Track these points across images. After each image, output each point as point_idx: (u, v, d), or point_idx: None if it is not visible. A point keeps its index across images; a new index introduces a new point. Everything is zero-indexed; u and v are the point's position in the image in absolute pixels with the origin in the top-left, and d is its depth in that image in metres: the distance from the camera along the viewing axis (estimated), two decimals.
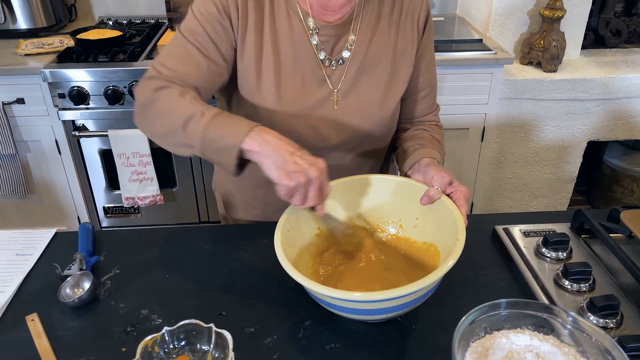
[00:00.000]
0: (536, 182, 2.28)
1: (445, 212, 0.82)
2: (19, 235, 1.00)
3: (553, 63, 2.04)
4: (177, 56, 0.89)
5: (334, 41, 0.93)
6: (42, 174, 2.04)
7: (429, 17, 0.99)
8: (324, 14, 0.93)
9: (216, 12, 0.88)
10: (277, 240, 0.78)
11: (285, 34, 0.91)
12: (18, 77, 1.83)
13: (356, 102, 0.95)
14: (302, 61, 0.92)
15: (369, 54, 0.95)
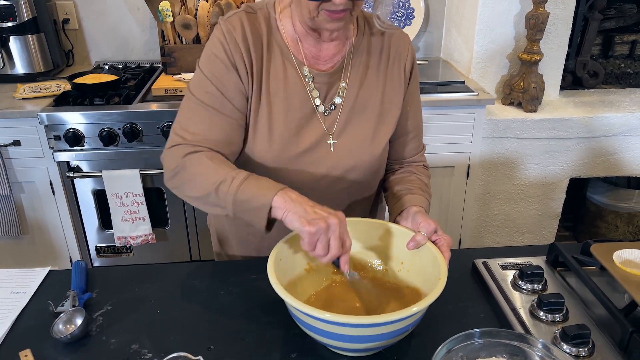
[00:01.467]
0: (522, 219, 2.33)
1: (429, 257, 0.87)
2: (14, 273, 1.03)
3: (533, 103, 2.12)
4: (197, 120, 0.95)
5: (327, 88, 1.00)
6: (36, 214, 2.07)
7: (415, 63, 1.07)
8: (317, 63, 1.00)
9: (224, 68, 0.94)
10: (270, 265, 0.81)
11: (281, 82, 0.98)
12: (15, 120, 1.88)
13: (348, 144, 1.01)
14: (297, 107, 0.98)
15: (359, 99, 1.01)
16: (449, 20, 2.46)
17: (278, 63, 0.97)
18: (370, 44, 1.03)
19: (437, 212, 2.21)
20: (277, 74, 0.97)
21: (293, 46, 0.99)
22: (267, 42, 0.97)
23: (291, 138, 0.98)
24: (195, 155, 0.91)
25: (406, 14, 2.42)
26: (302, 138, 0.99)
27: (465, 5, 2.23)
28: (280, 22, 0.99)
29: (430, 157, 2.07)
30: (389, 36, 1.04)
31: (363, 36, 1.03)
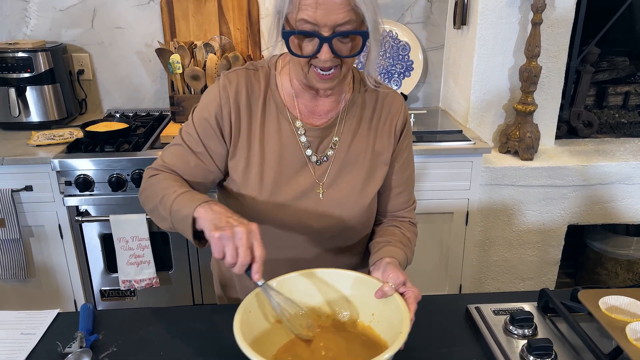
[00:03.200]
0: (522, 265, 2.36)
1: (395, 309, 0.89)
2: (25, 315, 1.07)
3: (529, 152, 2.19)
4: (172, 153, 1.07)
5: (319, 141, 1.07)
6: (43, 257, 2.11)
7: (407, 124, 1.13)
8: (312, 118, 1.07)
9: (210, 118, 1.04)
10: (236, 320, 0.84)
11: (275, 134, 1.05)
12: (28, 166, 1.96)
13: (337, 195, 1.07)
14: (288, 158, 1.05)
15: (350, 153, 1.08)
16: (446, 72, 2.57)
17: (273, 117, 1.05)
18: (364, 102, 1.10)
19: (437, 258, 2.24)
20: (270, 127, 1.05)
21: (289, 101, 1.06)
22: (264, 97, 1.05)
23: (282, 186, 1.05)
24: (158, 175, 1.04)
25: (405, 66, 2.53)
26: (292, 186, 1.05)
27: (462, 58, 2.34)
28: (280, 78, 1.07)
29: (430, 204, 2.13)
30: (383, 95, 1.11)
31: (358, 93, 1.10)
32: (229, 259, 0.84)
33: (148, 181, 1.04)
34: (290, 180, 1.05)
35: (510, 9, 2.12)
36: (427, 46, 2.58)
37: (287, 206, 1.05)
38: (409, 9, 2.51)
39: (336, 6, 0.87)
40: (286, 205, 1.05)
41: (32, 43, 2.28)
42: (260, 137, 1.05)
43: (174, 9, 2.41)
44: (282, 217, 1.05)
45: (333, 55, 0.92)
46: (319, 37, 0.90)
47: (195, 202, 0.91)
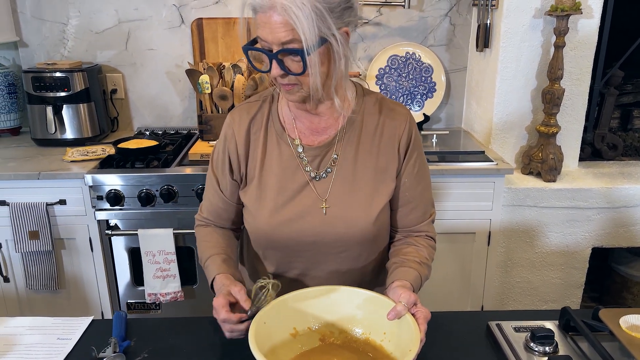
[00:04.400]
0: (545, 287, 2.34)
1: (406, 328, 0.91)
2: (61, 321, 1.12)
3: (552, 174, 2.19)
4: (205, 199, 1.24)
5: (319, 160, 1.12)
6: (73, 269, 2.18)
7: (414, 139, 1.14)
8: (312, 137, 1.12)
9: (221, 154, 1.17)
10: (252, 330, 0.87)
11: (276, 159, 1.13)
12: (63, 180, 2.04)
13: (341, 211, 1.10)
14: (290, 178, 1.11)
15: (352, 169, 1.11)
16: (469, 94, 2.60)
17: (274, 142, 1.13)
18: (365, 118, 1.13)
19: (459, 278, 2.24)
20: (272, 152, 1.13)
21: (289, 124, 1.13)
22: (265, 126, 1.14)
23: (285, 206, 1.10)
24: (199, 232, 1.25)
25: (428, 87, 2.57)
26: (295, 205, 1.10)
27: (484, 80, 2.37)
28: (280, 105, 1.15)
29: (452, 224, 2.15)
30: (386, 112, 1.14)
31: (359, 112, 1.13)
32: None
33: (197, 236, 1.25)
34: (292, 200, 1.10)
35: (532, 32, 2.16)
36: (450, 68, 2.61)
37: (291, 224, 1.09)
38: (432, 32, 2.55)
39: (278, 26, 0.92)
40: (290, 224, 1.09)
41: (69, 64, 2.39)
42: (262, 163, 1.12)
43: (203, 32, 2.50)
44: (288, 236, 1.10)
45: (282, 71, 0.97)
46: (266, 53, 0.97)
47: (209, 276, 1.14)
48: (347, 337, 1.00)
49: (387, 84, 2.57)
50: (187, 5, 2.50)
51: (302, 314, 0.99)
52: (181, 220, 2.08)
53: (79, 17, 2.51)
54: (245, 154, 1.13)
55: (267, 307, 0.94)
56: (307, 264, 1.14)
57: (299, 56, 0.95)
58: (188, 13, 2.51)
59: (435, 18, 2.54)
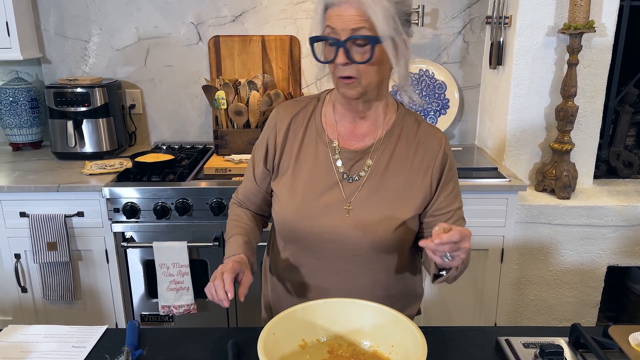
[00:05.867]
0: (559, 306, 2.31)
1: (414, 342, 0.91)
2: (76, 330, 1.15)
3: (566, 191, 2.18)
4: (242, 184, 1.31)
5: (352, 163, 1.16)
6: (89, 281, 2.22)
7: (448, 162, 1.17)
8: (350, 141, 1.17)
9: (261, 144, 1.23)
10: (260, 340, 0.89)
11: (311, 155, 1.18)
12: (81, 193, 2.09)
13: (364, 215, 1.13)
14: (322, 176, 1.16)
15: (382, 179, 1.14)
16: (482, 110, 2.61)
17: (312, 140, 1.18)
18: (403, 134, 1.17)
19: (471, 295, 2.23)
20: (309, 149, 1.18)
21: (330, 126, 1.19)
22: (306, 124, 1.20)
23: (311, 201, 1.15)
24: (232, 210, 1.33)
25: (442, 104, 2.59)
26: (321, 202, 1.14)
27: (498, 97, 2.38)
28: (325, 107, 1.21)
29: None
30: (422, 131, 1.18)
31: (398, 124, 1.18)
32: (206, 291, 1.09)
33: (229, 213, 1.33)
34: (320, 197, 1.15)
35: (546, 50, 2.17)
36: (463, 85, 2.63)
37: (314, 219, 1.14)
38: (445, 49, 2.58)
39: (351, 16, 1.00)
40: (313, 218, 1.14)
41: (90, 79, 2.45)
42: (297, 157, 1.18)
43: (220, 49, 2.56)
44: (310, 229, 1.14)
45: (347, 59, 1.02)
46: (335, 41, 1.02)
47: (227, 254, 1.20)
48: (355, 350, 1.01)
49: (400, 100, 2.58)
50: (204, 23, 2.56)
51: (311, 326, 1.00)
52: (195, 234, 2.10)
53: (100, 34, 2.58)
54: (282, 145, 1.19)
55: (277, 317, 0.96)
56: (324, 261, 1.17)
57: (366, 46, 1.01)
58: (206, 31, 2.57)
59: (448, 36, 2.56)
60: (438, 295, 2.23)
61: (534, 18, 2.14)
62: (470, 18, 2.54)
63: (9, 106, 2.53)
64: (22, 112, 2.55)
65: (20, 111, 2.54)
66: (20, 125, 2.56)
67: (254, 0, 2.53)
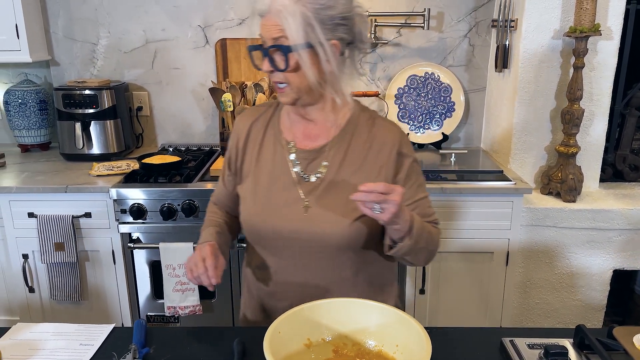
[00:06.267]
0: (565, 309, 2.31)
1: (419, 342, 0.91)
2: (84, 328, 1.16)
3: (571, 194, 2.18)
4: (217, 187, 1.37)
5: (308, 163, 1.19)
6: (96, 281, 2.24)
7: (405, 157, 1.19)
8: (305, 141, 1.21)
9: (230, 155, 1.29)
10: (266, 339, 0.90)
11: (270, 157, 1.22)
12: (89, 194, 2.11)
13: (320, 213, 1.16)
14: (280, 177, 1.20)
15: (337, 176, 1.17)
16: (488, 113, 2.61)
17: (270, 143, 1.24)
18: (357, 132, 1.20)
19: (476, 298, 2.23)
20: (267, 151, 1.23)
21: (286, 129, 1.24)
22: (265, 127, 1.25)
23: (270, 201, 1.19)
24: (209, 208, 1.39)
25: (447, 107, 2.59)
26: (279, 201, 1.18)
27: (503, 100, 2.38)
28: (283, 112, 1.26)
29: (469, 243, 2.15)
30: (379, 127, 1.21)
31: (351, 124, 1.21)
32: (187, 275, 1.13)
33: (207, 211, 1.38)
34: (279, 197, 1.19)
35: (551, 53, 2.17)
36: (469, 88, 2.64)
37: (273, 218, 1.17)
38: (451, 53, 2.59)
39: (272, 26, 1.07)
40: (272, 218, 1.18)
41: (98, 82, 2.48)
42: (257, 161, 1.23)
43: (227, 52, 2.57)
44: (271, 229, 1.18)
45: (271, 67, 1.09)
46: (260, 48, 1.10)
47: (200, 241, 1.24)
48: (360, 349, 1.01)
49: (406, 103, 2.60)
50: (212, 26, 2.58)
51: (316, 325, 1.01)
52: None
53: (108, 37, 2.61)
54: (243, 150, 1.25)
55: (282, 316, 0.97)
56: (288, 260, 1.20)
57: (284, 54, 1.07)
58: (213, 34, 2.59)
59: (454, 39, 2.57)
60: (443, 298, 2.23)
61: (540, 21, 2.14)
62: (476, 21, 2.55)
63: (18, 108, 2.55)
64: (31, 113, 2.57)
65: (29, 113, 2.57)
66: (29, 127, 2.59)
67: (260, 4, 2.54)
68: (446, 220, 2.12)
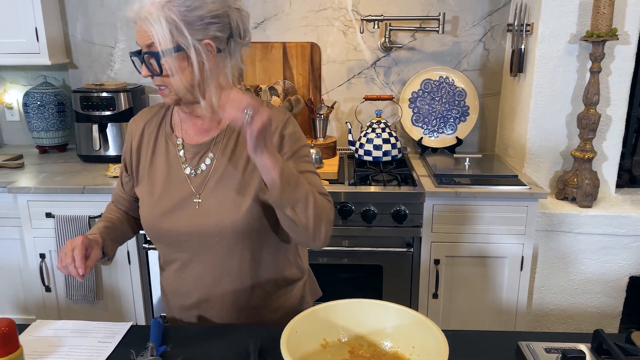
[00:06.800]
0: (580, 316, 2.28)
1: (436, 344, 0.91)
2: (102, 325, 1.17)
3: (587, 199, 2.16)
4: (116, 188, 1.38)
5: (196, 157, 1.21)
6: (111, 282, 2.26)
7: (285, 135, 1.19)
8: (196, 137, 1.22)
9: (125, 158, 1.30)
10: (284, 337, 0.90)
11: (163, 156, 1.24)
12: (105, 195, 2.13)
13: (211, 205, 1.18)
14: (173, 174, 1.23)
15: (225, 169, 1.19)
16: (502, 118, 2.60)
17: (162, 142, 1.26)
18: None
19: (489, 303, 2.22)
20: (160, 151, 1.25)
21: (177, 126, 1.25)
22: (157, 127, 1.27)
23: (164, 199, 1.21)
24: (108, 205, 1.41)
25: (461, 111, 2.59)
26: (172, 198, 1.21)
27: (519, 105, 2.37)
28: (173, 111, 1.28)
29: (483, 247, 2.14)
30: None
31: None
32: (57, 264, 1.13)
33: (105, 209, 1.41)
34: (171, 194, 1.21)
35: (568, 57, 2.16)
36: (483, 92, 2.63)
37: (169, 217, 1.20)
38: (465, 57, 2.58)
39: (143, 33, 1.09)
40: (168, 216, 1.20)
41: (115, 84, 2.51)
42: (151, 161, 1.25)
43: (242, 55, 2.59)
44: (168, 227, 1.20)
45: (149, 72, 1.11)
46: (136, 55, 1.13)
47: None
48: (376, 350, 1.02)
49: (420, 107, 2.60)
50: None
51: (332, 326, 1.01)
52: None
53: (126, 41, 2.64)
54: (138, 152, 1.27)
55: (299, 315, 0.97)
56: (190, 254, 1.22)
57: (156, 58, 1.09)
58: None
59: (469, 43, 2.57)
60: (456, 302, 2.22)
61: (556, 25, 2.14)
62: (491, 25, 2.54)
63: (37, 110, 2.59)
64: (49, 115, 2.61)
65: (48, 115, 2.61)
66: (47, 129, 2.63)
67: (276, 8, 2.57)
68: (460, 224, 2.11)
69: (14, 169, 2.40)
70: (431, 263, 2.16)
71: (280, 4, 2.56)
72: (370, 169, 2.31)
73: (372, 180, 2.17)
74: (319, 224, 1.10)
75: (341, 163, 2.42)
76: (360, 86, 2.65)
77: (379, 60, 2.62)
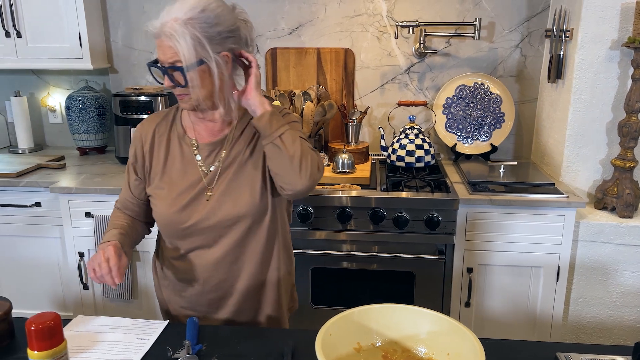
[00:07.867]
0: (618, 329, 2.22)
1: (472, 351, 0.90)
2: (140, 323, 1.20)
3: (628, 210, 2.10)
4: (121, 193, 1.42)
5: (208, 155, 1.31)
6: (146, 281, 2.31)
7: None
8: (207, 138, 1.32)
9: (132, 162, 1.37)
10: (318, 340, 0.91)
11: (178, 156, 1.33)
12: None
13: (226, 197, 1.29)
14: (189, 171, 1.31)
15: (234, 165, 1.30)
16: (539, 125, 2.55)
17: (176, 143, 1.34)
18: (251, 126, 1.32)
19: (524, 313, 2.17)
20: (174, 151, 1.33)
21: (189, 129, 1.34)
22: (169, 131, 1.35)
23: (180, 195, 1.30)
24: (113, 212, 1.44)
25: (497, 117, 2.55)
26: (187, 194, 1.30)
27: (556, 112, 2.33)
28: (183, 115, 1.37)
29: (518, 256, 2.11)
30: None
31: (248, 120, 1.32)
32: (90, 274, 1.18)
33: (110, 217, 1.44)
34: (187, 190, 1.30)
35: (608, 64, 2.11)
36: (520, 99, 2.59)
37: (184, 211, 1.29)
38: (501, 63, 2.55)
39: (166, 48, 1.16)
40: (183, 210, 1.29)
41: (153, 89, 2.57)
42: (165, 161, 1.33)
43: (277, 61, 2.63)
44: (184, 220, 1.29)
45: (172, 83, 1.20)
46: (160, 68, 1.20)
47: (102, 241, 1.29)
48: (410, 356, 1.01)
49: (454, 113, 2.58)
50: (262, 35, 2.64)
51: (366, 330, 1.01)
52: None
53: None
54: (150, 153, 1.34)
55: (334, 318, 0.98)
56: (206, 243, 1.31)
57: (181, 72, 1.17)
58: (263, 43, 2.65)
59: (505, 49, 2.54)
60: (489, 311, 2.18)
61: (597, 31, 2.09)
62: (529, 31, 2.51)
63: (79, 113, 2.68)
64: (90, 118, 2.69)
65: (89, 118, 2.69)
66: (88, 131, 2.71)
67: (311, 14, 2.59)
68: (494, 232, 2.08)
69: (56, 169, 2.49)
70: (464, 271, 2.14)
71: (316, 10, 2.59)
72: (402, 175, 2.30)
73: (404, 186, 2.16)
74: (306, 157, 1.23)
75: (373, 169, 2.42)
76: (394, 92, 2.65)
77: (413, 66, 2.61)
